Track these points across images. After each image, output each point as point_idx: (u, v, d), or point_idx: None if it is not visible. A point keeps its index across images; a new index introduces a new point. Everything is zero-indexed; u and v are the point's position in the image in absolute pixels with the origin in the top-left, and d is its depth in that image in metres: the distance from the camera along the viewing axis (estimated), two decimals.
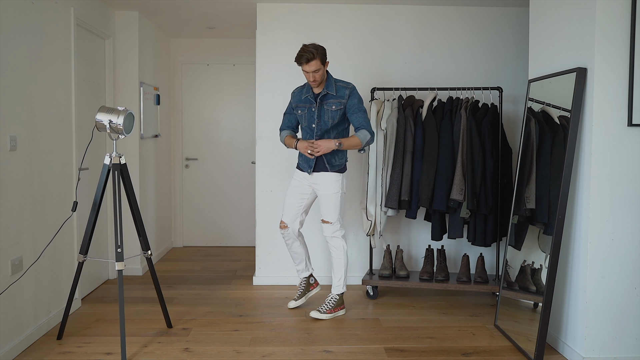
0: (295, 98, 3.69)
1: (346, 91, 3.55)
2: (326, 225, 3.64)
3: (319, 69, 3.44)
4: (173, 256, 5.56)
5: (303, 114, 3.65)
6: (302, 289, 3.88)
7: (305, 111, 3.63)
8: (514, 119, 4.43)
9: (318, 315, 3.61)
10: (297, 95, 3.70)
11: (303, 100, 3.65)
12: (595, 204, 2.81)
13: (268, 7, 4.39)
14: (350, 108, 3.54)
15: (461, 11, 4.43)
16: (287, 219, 3.72)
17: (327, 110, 3.56)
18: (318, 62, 3.41)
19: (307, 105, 3.62)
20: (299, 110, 3.66)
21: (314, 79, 3.47)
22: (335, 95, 3.55)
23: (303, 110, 3.65)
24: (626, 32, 2.75)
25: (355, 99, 3.55)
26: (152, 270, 3.33)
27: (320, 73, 3.46)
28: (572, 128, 2.86)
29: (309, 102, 3.62)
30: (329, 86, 3.57)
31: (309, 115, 3.62)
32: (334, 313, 3.65)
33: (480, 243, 3.90)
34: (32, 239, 3.20)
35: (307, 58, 3.39)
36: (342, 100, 3.54)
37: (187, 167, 5.98)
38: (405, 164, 3.91)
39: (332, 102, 3.55)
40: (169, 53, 5.81)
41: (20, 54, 3.07)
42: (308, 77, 3.49)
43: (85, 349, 3.09)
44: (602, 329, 2.83)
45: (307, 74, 3.46)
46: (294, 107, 3.69)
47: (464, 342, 3.24)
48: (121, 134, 3.09)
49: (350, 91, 3.55)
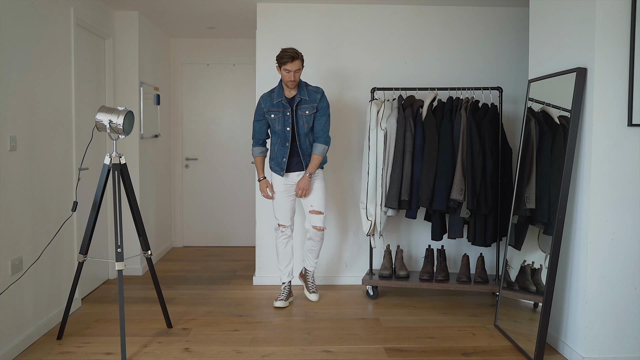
0: (267, 103, 3.77)
1: (317, 95, 3.75)
2: (318, 216, 3.83)
3: (299, 70, 3.64)
4: (173, 256, 5.56)
5: (277, 117, 3.73)
6: (287, 292, 3.95)
7: (280, 115, 3.73)
8: (514, 119, 4.43)
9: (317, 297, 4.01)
10: (267, 99, 3.78)
11: (275, 104, 3.74)
12: (595, 204, 2.81)
13: (268, 7, 4.39)
14: (319, 111, 3.75)
15: (461, 11, 4.43)
16: (286, 220, 3.89)
17: (302, 116, 3.72)
18: (300, 62, 3.64)
19: (281, 109, 3.73)
20: (272, 114, 3.74)
21: (294, 79, 3.63)
22: (308, 99, 3.72)
23: (277, 115, 3.74)
24: (626, 32, 2.76)
25: (325, 103, 3.77)
26: (152, 270, 3.33)
27: (299, 74, 3.66)
28: (572, 128, 2.86)
29: (283, 107, 3.73)
30: (302, 91, 3.73)
31: (283, 120, 3.72)
32: None
33: (480, 243, 3.90)
34: (32, 239, 3.20)
35: (292, 56, 3.59)
36: (314, 104, 3.73)
37: (187, 167, 5.98)
38: (405, 163, 3.91)
39: (305, 107, 3.72)
40: (169, 53, 5.81)
41: (20, 54, 3.07)
42: (288, 77, 3.62)
43: (85, 349, 3.09)
44: (602, 329, 2.83)
45: (289, 73, 3.61)
46: (266, 111, 3.76)
47: (464, 342, 3.24)
48: (121, 134, 3.09)
49: (321, 95, 3.76)
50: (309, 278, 4.08)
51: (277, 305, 3.85)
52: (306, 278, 4.09)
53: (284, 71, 3.63)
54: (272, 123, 3.77)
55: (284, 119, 3.72)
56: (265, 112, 3.77)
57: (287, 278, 3.96)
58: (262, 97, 3.83)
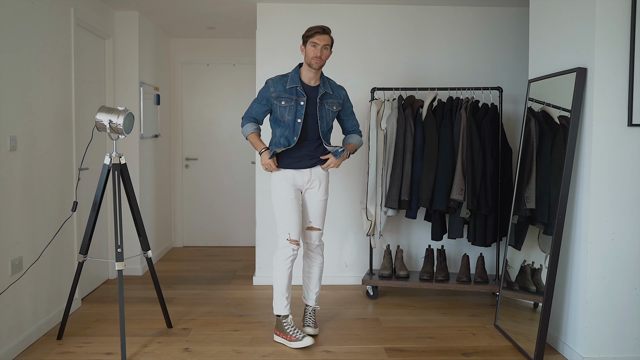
0: (277, 87, 3.17)
1: (342, 92, 3.33)
2: (316, 233, 3.30)
3: (328, 46, 3.12)
4: (173, 256, 5.56)
5: (288, 105, 3.15)
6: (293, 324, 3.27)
7: (292, 103, 3.15)
8: (514, 119, 4.43)
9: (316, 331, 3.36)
10: (278, 83, 3.18)
11: (288, 90, 3.16)
12: (595, 204, 2.81)
13: (268, 7, 4.39)
14: (347, 109, 3.35)
15: (461, 11, 4.43)
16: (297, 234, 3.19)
17: (329, 111, 3.23)
18: (330, 38, 3.12)
19: (294, 97, 3.16)
20: (283, 101, 3.15)
21: (321, 55, 3.10)
22: (332, 94, 3.25)
23: (289, 102, 3.15)
24: (626, 32, 2.75)
25: (350, 101, 3.39)
26: (152, 270, 3.33)
27: (327, 53, 3.14)
28: (572, 128, 2.86)
29: (297, 94, 3.16)
30: (325, 84, 3.24)
31: (295, 109, 3.16)
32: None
33: (480, 243, 3.90)
34: (32, 239, 3.20)
35: (322, 28, 3.10)
36: (339, 101, 3.28)
37: (187, 167, 5.98)
38: (405, 164, 3.91)
39: (332, 102, 3.24)
40: (169, 53, 5.81)
41: (20, 54, 3.07)
42: (314, 52, 3.09)
43: (85, 349, 3.09)
44: (602, 329, 2.83)
45: (316, 47, 3.09)
46: (275, 97, 3.16)
47: (464, 342, 3.24)
48: (121, 134, 3.09)
49: (345, 92, 3.35)
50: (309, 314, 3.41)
51: (304, 344, 3.12)
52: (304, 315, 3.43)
53: (311, 45, 3.09)
54: (281, 112, 3.15)
55: (295, 109, 3.15)
56: (274, 97, 3.16)
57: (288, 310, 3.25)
58: (271, 80, 3.21)
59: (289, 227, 3.15)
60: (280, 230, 3.17)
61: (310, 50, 3.10)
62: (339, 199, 4.45)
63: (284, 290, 3.19)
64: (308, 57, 3.12)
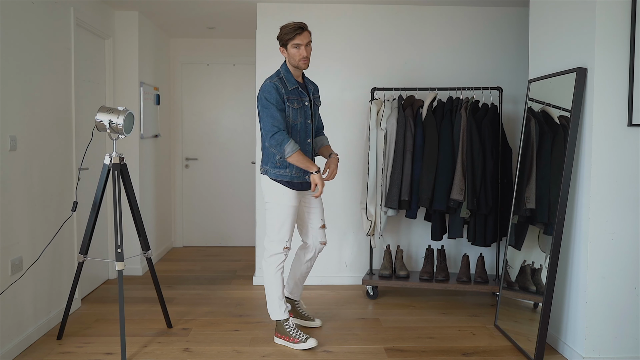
0: (283, 89, 3.00)
1: (316, 85, 3.27)
2: (325, 230, 3.33)
3: (310, 42, 3.01)
4: (173, 256, 5.56)
5: (299, 107, 3.02)
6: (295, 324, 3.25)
7: (301, 105, 3.03)
8: (514, 119, 4.43)
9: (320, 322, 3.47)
10: (279, 85, 3.00)
11: (292, 91, 3.01)
12: (595, 204, 2.81)
13: (268, 7, 4.39)
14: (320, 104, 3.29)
15: (461, 11, 4.43)
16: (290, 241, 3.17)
17: (317, 108, 3.17)
18: (309, 34, 3.01)
19: (298, 98, 3.03)
20: (295, 102, 2.99)
21: (307, 55, 2.98)
22: (315, 90, 3.21)
23: (299, 104, 3.02)
24: (626, 32, 2.75)
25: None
26: (152, 270, 3.33)
27: (310, 48, 3.01)
28: (572, 128, 2.86)
29: (300, 95, 3.05)
30: (307, 81, 3.16)
31: (303, 111, 3.05)
32: None
33: (480, 243, 3.90)
34: (32, 239, 3.20)
35: (300, 27, 2.96)
36: (318, 96, 3.25)
37: (187, 167, 5.98)
38: (405, 163, 3.91)
39: (317, 98, 3.18)
40: (169, 53, 5.81)
41: (20, 54, 3.07)
42: (300, 54, 2.96)
43: (85, 349, 3.09)
44: (602, 329, 2.83)
45: (299, 48, 2.96)
46: (286, 99, 2.98)
47: (464, 342, 3.24)
48: (121, 134, 3.09)
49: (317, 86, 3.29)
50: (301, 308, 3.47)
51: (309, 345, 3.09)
52: (298, 310, 3.44)
53: (293, 48, 2.95)
54: (293, 115, 2.99)
55: (304, 110, 3.02)
56: (285, 99, 2.96)
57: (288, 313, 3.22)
58: (271, 83, 2.99)
59: (288, 235, 3.12)
60: (279, 238, 3.10)
61: (294, 53, 2.99)
62: (339, 199, 4.45)
63: (281, 294, 3.16)
64: (294, 59, 3.00)
